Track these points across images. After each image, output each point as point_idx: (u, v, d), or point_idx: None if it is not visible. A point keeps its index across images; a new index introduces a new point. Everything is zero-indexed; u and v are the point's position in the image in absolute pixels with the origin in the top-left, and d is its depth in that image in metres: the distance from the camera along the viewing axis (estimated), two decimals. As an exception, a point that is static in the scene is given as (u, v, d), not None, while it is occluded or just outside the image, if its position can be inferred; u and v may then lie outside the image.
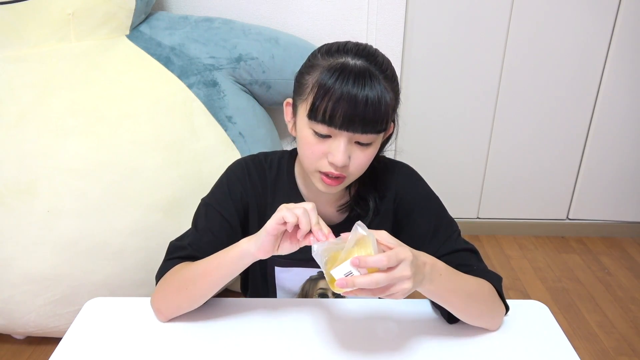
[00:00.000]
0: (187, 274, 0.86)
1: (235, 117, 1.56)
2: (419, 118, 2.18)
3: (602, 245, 2.36)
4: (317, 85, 0.77)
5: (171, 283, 0.88)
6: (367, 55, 0.79)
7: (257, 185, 0.96)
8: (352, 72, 0.76)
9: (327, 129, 0.78)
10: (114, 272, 1.42)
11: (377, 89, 0.76)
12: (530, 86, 2.13)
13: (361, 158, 0.81)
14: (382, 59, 0.80)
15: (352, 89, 0.75)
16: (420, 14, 2.00)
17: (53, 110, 1.39)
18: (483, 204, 2.36)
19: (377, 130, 0.79)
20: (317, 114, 0.77)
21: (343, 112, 0.75)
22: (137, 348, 0.83)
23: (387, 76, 0.79)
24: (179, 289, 0.86)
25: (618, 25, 2.02)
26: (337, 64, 0.77)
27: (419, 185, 0.97)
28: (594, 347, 1.75)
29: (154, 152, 1.41)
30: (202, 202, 0.96)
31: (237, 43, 1.63)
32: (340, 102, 0.75)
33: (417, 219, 0.94)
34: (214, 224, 0.93)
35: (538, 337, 0.87)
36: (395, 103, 0.83)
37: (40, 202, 1.35)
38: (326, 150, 0.80)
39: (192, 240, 0.92)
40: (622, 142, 2.22)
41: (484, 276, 0.87)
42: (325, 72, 0.77)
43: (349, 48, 0.80)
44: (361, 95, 0.75)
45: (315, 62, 0.81)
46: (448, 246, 0.91)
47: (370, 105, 0.75)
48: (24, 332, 1.56)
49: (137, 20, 1.58)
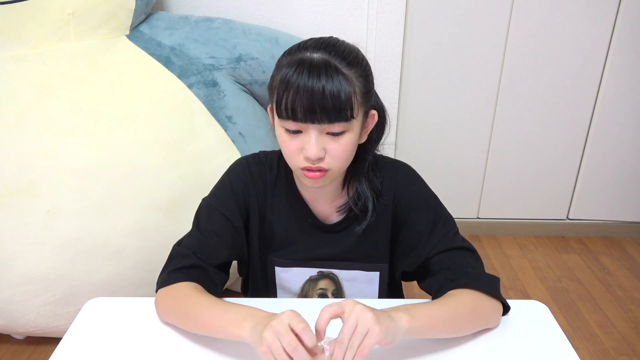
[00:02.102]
0: (189, 311, 0.84)
1: (235, 117, 1.56)
2: (419, 118, 2.18)
3: (602, 245, 2.36)
4: (279, 82, 0.79)
5: (173, 307, 0.86)
6: (327, 46, 0.81)
7: (258, 185, 0.96)
8: (308, 64, 0.77)
9: (294, 124, 0.79)
10: (114, 272, 1.42)
11: (336, 78, 0.77)
12: (530, 86, 2.13)
13: (337, 149, 0.81)
14: (344, 48, 0.81)
15: (308, 81, 0.76)
16: (420, 14, 2.00)
17: (53, 110, 1.39)
18: (483, 204, 2.36)
19: (344, 118, 0.78)
20: (281, 110, 0.79)
21: (303, 105, 0.77)
22: (137, 348, 0.83)
23: (351, 62, 0.80)
24: (179, 317, 0.85)
25: (618, 26, 2.02)
26: (295, 59, 0.79)
27: (417, 184, 0.96)
28: (594, 347, 1.75)
29: (154, 152, 1.41)
30: (204, 203, 0.95)
31: (237, 43, 1.63)
32: (299, 96, 0.77)
33: (414, 217, 0.94)
34: (218, 226, 0.92)
35: (538, 337, 0.87)
36: (365, 88, 0.82)
37: (40, 202, 1.35)
38: (300, 146, 0.81)
39: (197, 245, 0.91)
40: (622, 142, 2.22)
41: (476, 280, 0.86)
42: (285, 68, 0.79)
43: (309, 44, 0.82)
44: (317, 86, 0.76)
45: (279, 63, 0.83)
46: (444, 243, 0.91)
47: (329, 95, 0.76)
48: (24, 332, 1.56)
49: (137, 20, 1.58)
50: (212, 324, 0.80)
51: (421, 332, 0.78)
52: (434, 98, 2.15)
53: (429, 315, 0.79)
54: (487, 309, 0.86)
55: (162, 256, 0.99)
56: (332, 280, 1.00)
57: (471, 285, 0.85)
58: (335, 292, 1.01)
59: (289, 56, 0.82)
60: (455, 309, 0.83)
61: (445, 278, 0.88)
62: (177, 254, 0.92)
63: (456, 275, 0.88)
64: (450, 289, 0.86)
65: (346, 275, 0.99)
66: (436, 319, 0.80)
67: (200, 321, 0.81)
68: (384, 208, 0.95)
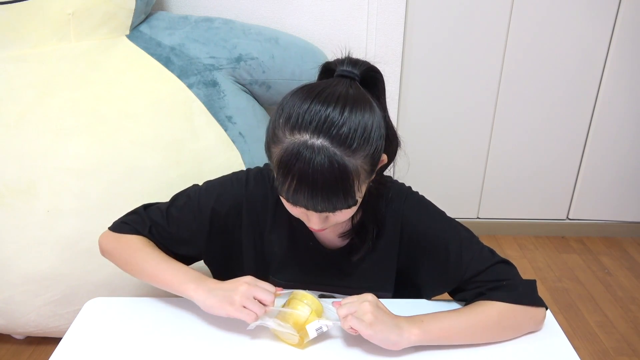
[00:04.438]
0: (137, 261, 0.92)
1: (235, 117, 1.56)
2: (419, 118, 2.18)
3: (602, 245, 2.36)
4: (277, 166, 0.73)
5: (121, 251, 0.94)
6: (329, 128, 0.70)
7: (254, 203, 0.94)
8: (308, 160, 0.70)
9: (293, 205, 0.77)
10: (114, 272, 1.40)
11: (337, 172, 0.70)
12: (530, 86, 2.13)
13: (340, 216, 0.79)
14: (349, 128, 0.71)
15: (308, 180, 0.71)
16: (420, 14, 2.00)
17: (53, 110, 1.39)
18: (483, 204, 2.36)
19: (346, 207, 0.75)
20: (283, 196, 0.76)
21: (305, 200, 0.73)
22: (137, 348, 0.83)
23: (356, 148, 0.71)
24: (124, 263, 0.94)
25: (618, 26, 2.02)
26: (294, 147, 0.71)
27: (427, 214, 0.93)
28: (594, 347, 1.75)
29: (154, 152, 1.41)
30: (189, 191, 0.98)
31: (237, 43, 1.63)
32: (300, 192, 0.72)
33: (433, 251, 0.91)
34: (183, 221, 0.95)
35: (538, 337, 0.87)
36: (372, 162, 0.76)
37: (40, 202, 1.35)
38: (303, 212, 0.78)
39: (158, 222, 0.95)
40: (622, 142, 2.22)
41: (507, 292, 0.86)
42: (284, 154, 0.72)
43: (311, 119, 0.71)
44: (320, 183, 0.70)
45: (278, 134, 0.74)
46: (474, 268, 0.89)
47: (331, 192, 0.71)
48: (24, 332, 1.56)
49: (137, 20, 1.58)
50: (158, 278, 0.89)
51: (434, 342, 0.82)
52: (433, 98, 2.15)
53: (444, 327, 0.82)
54: (518, 319, 0.86)
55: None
56: None
57: (502, 298, 0.86)
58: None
59: (289, 135, 0.72)
60: (476, 320, 0.84)
61: (478, 293, 0.89)
62: (137, 214, 0.97)
63: (489, 289, 0.88)
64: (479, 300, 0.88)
65: None
66: (452, 330, 0.83)
67: (146, 273, 0.90)
68: (389, 239, 0.92)
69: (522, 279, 0.90)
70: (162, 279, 0.88)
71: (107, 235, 0.97)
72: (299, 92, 0.75)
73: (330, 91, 0.73)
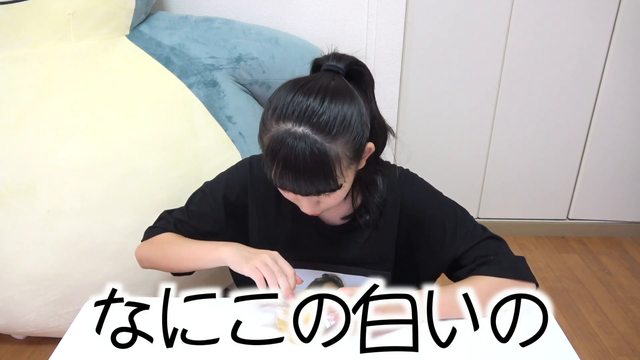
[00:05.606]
0: (171, 251, 0.98)
1: (235, 117, 1.56)
2: (418, 118, 2.18)
3: (602, 245, 2.36)
4: (266, 154, 0.80)
5: (155, 250, 1.00)
6: (309, 117, 0.76)
7: (259, 187, 0.99)
8: (290, 147, 0.76)
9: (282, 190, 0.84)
10: (114, 272, 1.41)
11: (317, 157, 0.76)
12: (530, 86, 2.13)
13: (329, 200, 0.84)
14: (328, 117, 0.77)
15: (291, 166, 0.77)
16: (420, 14, 2.00)
17: (53, 110, 1.39)
18: (483, 204, 2.36)
19: (330, 190, 0.80)
20: (273, 181, 0.82)
21: (290, 184, 0.80)
22: (137, 348, 0.83)
23: (336, 134, 0.77)
24: (161, 259, 0.99)
25: (618, 25, 2.02)
26: (279, 135, 0.77)
27: (423, 190, 0.98)
28: (594, 347, 1.75)
29: (154, 152, 1.41)
30: (202, 187, 1.05)
31: (237, 43, 1.63)
32: (285, 176, 0.79)
33: (430, 226, 0.96)
34: (202, 213, 1.02)
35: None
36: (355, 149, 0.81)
37: (40, 202, 1.35)
38: (294, 197, 0.85)
39: (180, 218, 1.03)
40: (622, 142, 2.22)
41: (496, 265, 0.91)
42: (271, 142, 0.78)
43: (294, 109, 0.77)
44: (300, 171, 0.77)
45: (267, 124, 0.80)
46: (467, 242, 0.94)
47: (313, 176, 0.78)
48: (24, 332, 1.56)
49: (137, 20, 1.58)
50: (192, 255, 0.94)
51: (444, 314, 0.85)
52: (433, 98, 2.15)
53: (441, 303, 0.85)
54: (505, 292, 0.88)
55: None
56: (337, 284, 1.01)
57: (490, 272, 0.90)
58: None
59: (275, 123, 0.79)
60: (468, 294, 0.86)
61: (469, 270, 0.93)
62: (163, 218, 1.06)
63: (478, 265, 0.92)
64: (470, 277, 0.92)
65: (350, 280, 1.00)
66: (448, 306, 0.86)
67: (182, 256, 0.96)
68: (390, 219, 0.97)
69: (511, 255, 0.94)
70: (197, 255, 0.94)
71: (141, 246, 1.04)
72: (286, 85, 0.82)
73: (313, 84, 0.80)
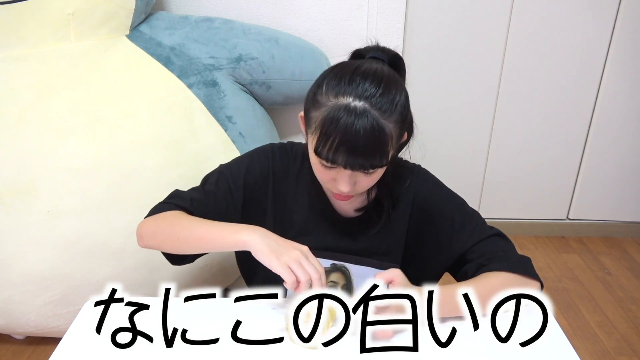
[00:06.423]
0: (182, 228, 0.91)
1: (235, 117, 1.56)
2: (418, 118, 2.15)
3: (602, 245, 2.36)
4: (320, 129, 0.82)
5: (164, 226, 0.93)
6: (368, 95, 0.81)
7: (279, 174, 1.01)
8: (352, 121, 0.79)
9: (331, 164, 0.84)
10: (114, 272, 1.41)
11: (376, 134, 0.80)
12: (530, 86, 2.13)
13: (367, 181, 0.87)
14: (384, 96, 0.81)
15: (349, 138, 0.79)
16: (420, 14, 2.00)
17: (53, 110, 1.39)
18: (483, 204, 2.36)
19: (379, 166, 0.84)
20: (321, 155, 0.83)
21: (344, 159, 0.81)
22: (137, 348, 0.83)
23: (390, 112, 0.82)
24: (168, 236, 0.92)
25: (618, 26, 2.02)
26: (337, 109, 0.80)
27: (436, 188, 1.02)
28: (594, 347, 1.75)
29: (154, 152, 1.41)
30: (218, 168, 1.03)
31: (237, 43, 1.63)
32: (340, 150, 0.80)
33: (439, 220, 0.99)
34: (220, 194, 0.99)
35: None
36: (401, 129, 0.86)
37: (40, 202, 1.35)
38: (333, 176, 0.86)
39: (196, 197, 0.98)
40: (622, 142, 2.22)
41: (506, 262, 0.93)
42: (327, 116, 0.81)
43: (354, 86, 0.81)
44: (358, 144, 0.79)
45: (320, 100, 0.83)
46: (474, 237, 0.97)
47: (369, 150, 0.80)
48: (24, 332, 1.56)
49: (137, 20, 1.58)
50: (209, 235, 0.88)
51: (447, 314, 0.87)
52: (433, 98, 2.15)
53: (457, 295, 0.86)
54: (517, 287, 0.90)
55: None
56: (344, 274, 1.01)
57: (501, 268, 0.92)
58: (345, 286, 1.02)
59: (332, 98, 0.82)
60: (483, 289, 0.89)
61: (479, 265, 0.95)
62: (176, 195, 1.00)
63: (488, 260, 0.94)
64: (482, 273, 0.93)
65: (357, 270, 1.01)
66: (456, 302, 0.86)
67: (195, 235, 0.89)
68: (401, 212, 1.00)
69: (517, 253, 0.98)
70: (215, 236, 0.88)
71: (145, 221, 0.97)
72: (338, 66, 0.87)
73: (368, 66, 0.85)
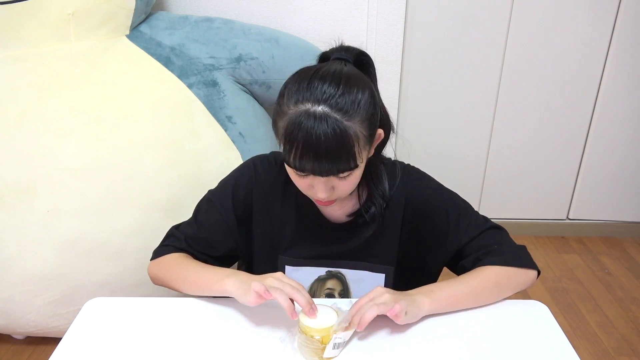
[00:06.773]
0: (177, 275, 0.96)
1: (235, 117, 1.56)
2: (418, 119, 2.18)
3: (602, 245, 2.36)
4: (284, 138, 0.80)
5: (163, 272, 0.98)
6: (327, 98, 0.78)
7: (264, 187, 1.00)
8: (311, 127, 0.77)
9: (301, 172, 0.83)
10: (114, 272, 1.42)
11: (338, 134, 0.77)
12: (530, 86, 2.13)
13: (345, 185, 0.85)
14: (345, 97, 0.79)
15: (311, 146, 0.78)
16: (420, 14, 2.00)
17: (53, 110, 1.39)
18: (483, 204, 2.36)
19: (348, 169, 0.81)
20: (290, 164, 0.82)
21: (311, 165, 0.80)
22: (137, 348, 0.83)
23: (353, 113, 0.79)
24: (169, 281, 0.97)
25: (618, 26, 2.02)
26: (298, 116, 0.78)
27: (428, 187, 1.01)
28: (594, 347, 1.75)
29: (154, 152, 1.41)
30: (207, 197, 1.03)
31: (237, 43, 1.63)
32: (305, 158, 0.79)
33: (434, 218, 0.98)
34: (212, 222, 1.00)
35: (538, 337, 0.87)
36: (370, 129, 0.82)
37: (40, 202, 1.35)
38: (309, 183, 0.85)
39: (190, 233, 1.01)
40: (622, 142, 2.22)
41: (500, 255, 0.94)
42: (289, 124, 0.79)
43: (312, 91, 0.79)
44: (320, 150, 0.78)
45: (283, 109, 0.82)
46: (470, 233, 0.97)
47: (334, 154, 0.78)
48: (24, 332, 1.56)
49: (137, 20, 1.58)
50: (199, 282, 0.92)
51: (444, 309, 0.90)
52: (434, 98, 2.15)
53: (450, 294, 0.90)
54: (512, 280, 0.94)
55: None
56: (340, 280, 1.01)
57: (496, 262, 0.93)
58: (342, 292, 1.02)
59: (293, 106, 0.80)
60: (478, 284, 0.92)
61: (475, 259, 0.96)
62: (172, 235, 1.03)
63: (483, 255, 0.95)
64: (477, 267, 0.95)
65: (353, 275, 1.01)
66: (458, 295, 0.90)
67: (189, 281, 0.93)
68: (394, 213, 0.98)
69: (512, 243, 0.99)
70: (203, 283, 0.92)
71: (151, 265, 1.02)
72: (299, 72, 0.86)
73: (326, 69, 0.83)
